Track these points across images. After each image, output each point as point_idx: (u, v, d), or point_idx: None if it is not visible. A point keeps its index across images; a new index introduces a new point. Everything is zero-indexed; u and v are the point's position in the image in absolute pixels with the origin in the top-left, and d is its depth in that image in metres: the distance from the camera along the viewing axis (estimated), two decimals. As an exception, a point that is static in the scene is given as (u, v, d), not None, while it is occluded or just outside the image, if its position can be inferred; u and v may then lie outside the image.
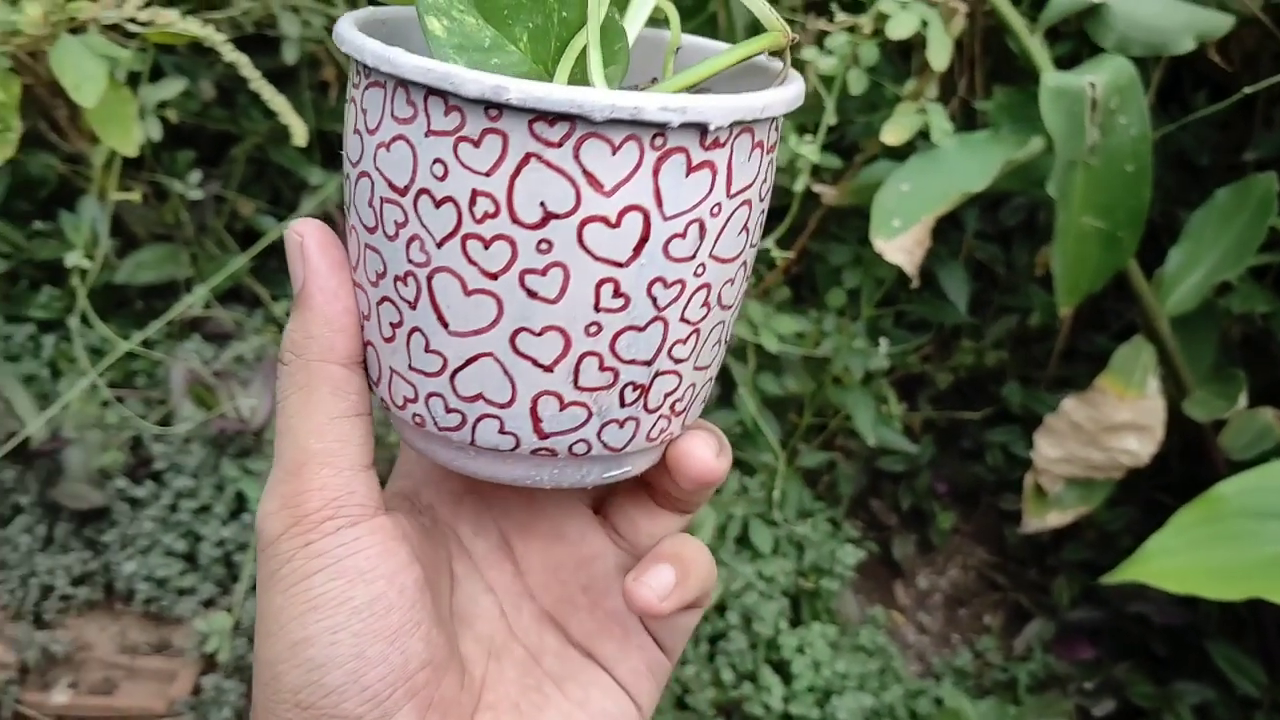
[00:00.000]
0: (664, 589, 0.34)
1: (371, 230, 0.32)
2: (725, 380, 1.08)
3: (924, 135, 0.90)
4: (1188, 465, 1.11)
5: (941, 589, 1.26)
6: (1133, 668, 1.11)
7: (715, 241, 0.32)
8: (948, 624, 1.23)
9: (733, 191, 0.32)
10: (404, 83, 0.30)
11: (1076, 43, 1.03)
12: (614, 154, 0.29)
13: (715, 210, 0.31)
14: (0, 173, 1.20)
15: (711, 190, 0.31)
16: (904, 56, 1.11)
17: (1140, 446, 0.96)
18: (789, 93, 0.33)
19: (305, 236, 0.34)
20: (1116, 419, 0.95)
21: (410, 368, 0.33)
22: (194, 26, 0.66)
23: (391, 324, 0.33)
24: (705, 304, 0.33)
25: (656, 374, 0.33)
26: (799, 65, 0.83)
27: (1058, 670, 1.13)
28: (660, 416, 0.34)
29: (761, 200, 0.33)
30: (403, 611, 0.33)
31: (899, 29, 0.78)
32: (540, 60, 0.33)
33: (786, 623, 1.04)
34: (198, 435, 0.99)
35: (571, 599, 0.39)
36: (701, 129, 0.30)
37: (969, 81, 1.13)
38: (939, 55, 0.79)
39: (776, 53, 0.35)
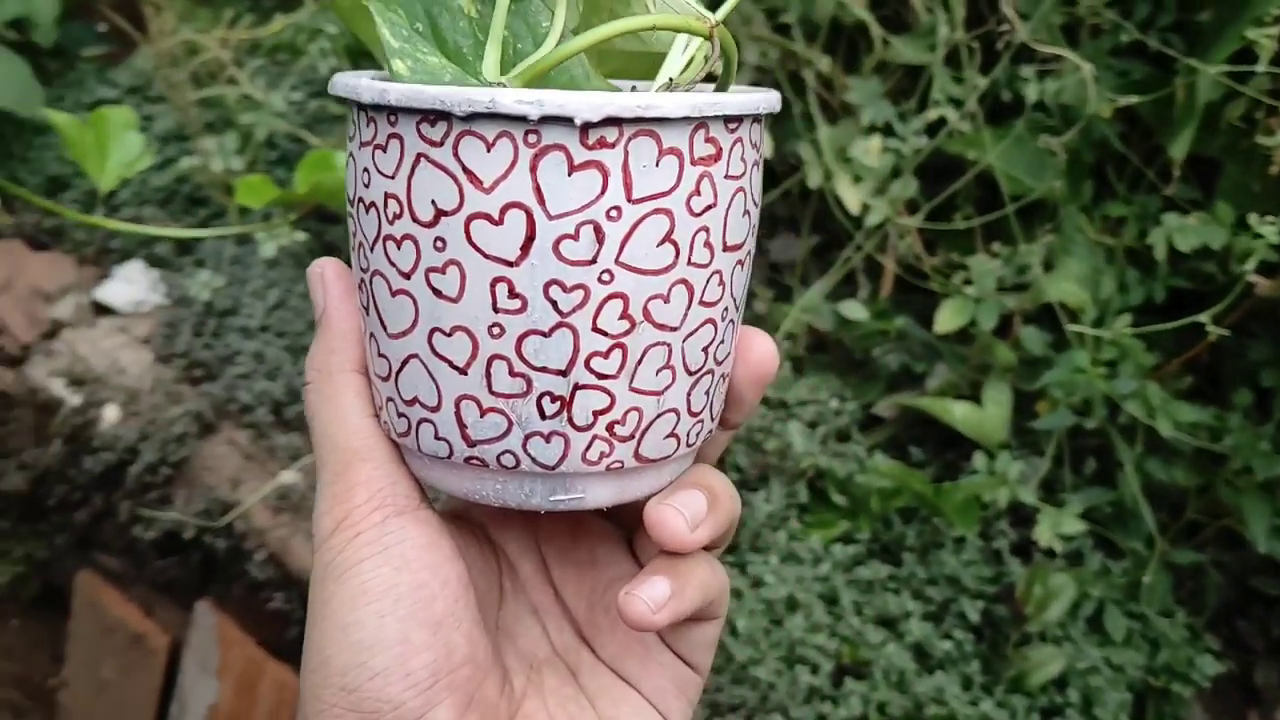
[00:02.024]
0: (658, 600, 0.34)
1: (350, 241, 0.35)
2: (1107, 457, 1.05)
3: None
4: None
5: (1302, 729, 1.16)
6: None
7: (620, 248, 0.31)
8: (1304, 768, 1.13)
9: (635, 197, 0.30)
10: (348, 102, 0.33)
11: None
12: (489, 150, 0.29)
13: (613, 214, 0.30)
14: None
15: (604, 192, 0.30)
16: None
17: None
18: (691, 99, 0.30)
19: (325, 269, 0.36)
20: None
21: (375, 373, 0.34)
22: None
23: (369, 332, 0.35)
24: (625, 316, 0.31)
25: (576, 386, 0.32)
26: (1264, 151, 0.81)
27: None
28: (595, 438, 0.33)
29: (696, 216, 0.32)
30: (446, 603, 0.34)
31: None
32: None
33: (1127, 717, 1.00)
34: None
35: (597, 621, 0.39)
36: (572, 124, 0.29)
37: None
38: None
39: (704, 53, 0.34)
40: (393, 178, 0.31)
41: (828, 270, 1.16)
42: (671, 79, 0.35)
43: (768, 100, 0.33)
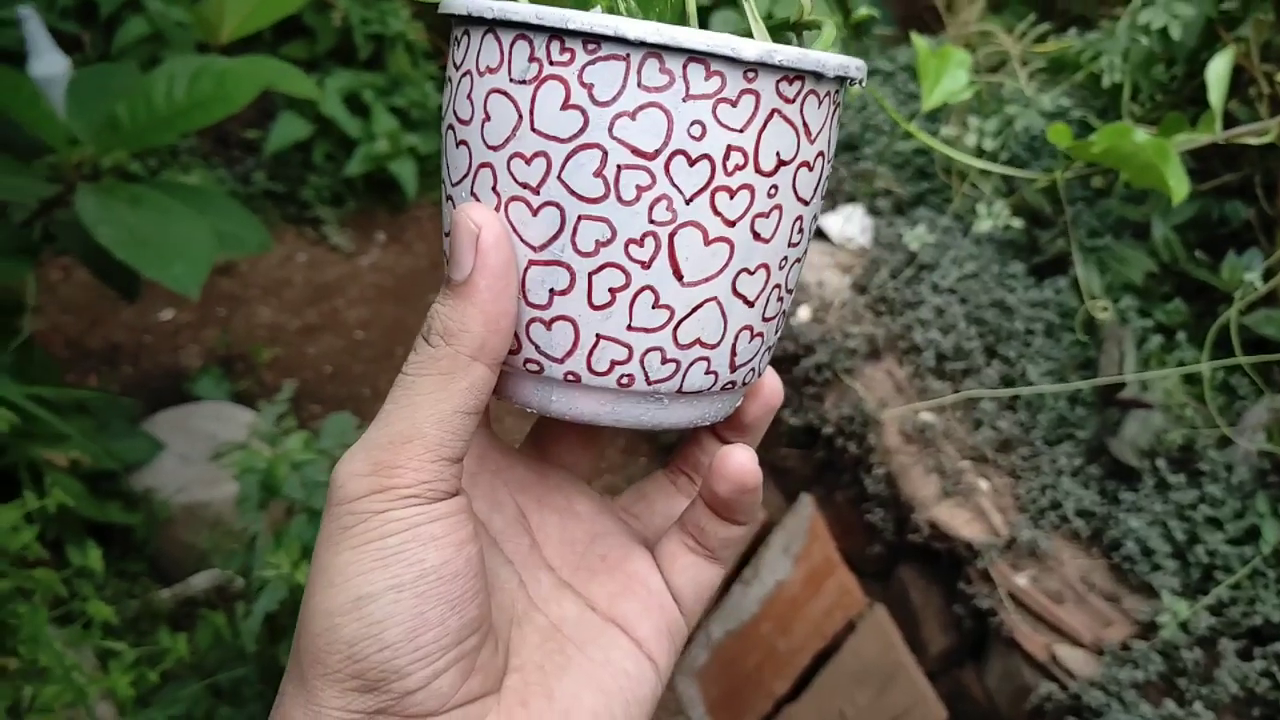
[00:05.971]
0: (750, 455, 0.36)
1: (596, 200, 0.32)
2: None
3: None
4: None
5: None
6: None
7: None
8: None
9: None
10: (659, 52, 0.31)
11: None
12: (819, 107, 0.34)
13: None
14: (1192, 202, 1.40)
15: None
16: None
17: None
18: None
19: (484, 228, 0.33)
20: None
21: (629, 328, 0.34)
22: None
23: (611, 289, 0.33)
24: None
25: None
26: None
27: None
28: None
29: None
30: (467, 579, 0.33)
31: None
32: None
33: None
34: (1252, 463, 1.10)
35: (590, 566, 0.39)
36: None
37: None
38: None
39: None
40: (741, 131, 0.32)
41: None
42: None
43: None
